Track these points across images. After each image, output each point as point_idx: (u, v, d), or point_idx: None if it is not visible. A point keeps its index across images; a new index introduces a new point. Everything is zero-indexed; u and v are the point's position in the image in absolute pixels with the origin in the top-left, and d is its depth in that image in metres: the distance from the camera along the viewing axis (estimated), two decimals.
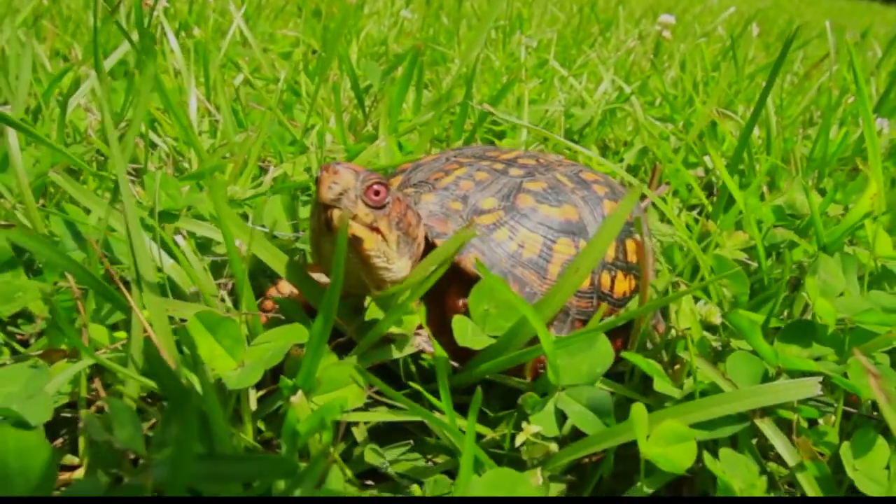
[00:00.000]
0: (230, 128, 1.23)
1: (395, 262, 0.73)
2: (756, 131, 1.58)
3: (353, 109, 1.60)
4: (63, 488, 0.58)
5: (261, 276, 0.96)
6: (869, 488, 0.61)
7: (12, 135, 0.88)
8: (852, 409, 0.75)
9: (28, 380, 0.61)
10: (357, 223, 0.69)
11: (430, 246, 0.79)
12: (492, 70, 2.16)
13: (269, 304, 0.87)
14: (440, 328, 0.77)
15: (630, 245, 0.88)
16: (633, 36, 2.85)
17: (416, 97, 1.55)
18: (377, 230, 0.71)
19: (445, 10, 3.21)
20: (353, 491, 0.58)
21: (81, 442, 0.67)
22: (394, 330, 0.74)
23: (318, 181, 0.68)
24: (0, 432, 0.53)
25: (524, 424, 0.67)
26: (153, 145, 1.31)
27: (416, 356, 0.78)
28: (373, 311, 0.77)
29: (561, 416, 0.69)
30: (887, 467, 0.62)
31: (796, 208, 1.03)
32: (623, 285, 0.86)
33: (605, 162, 1.26)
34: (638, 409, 0.61)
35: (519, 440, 0.66)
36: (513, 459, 0.70)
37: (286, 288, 0.86)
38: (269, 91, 1.60)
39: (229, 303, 0.86)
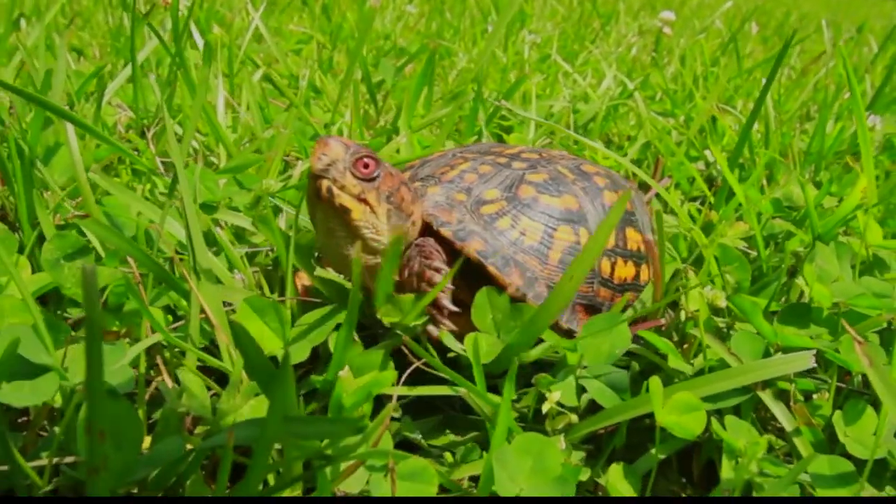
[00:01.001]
0: (258, 125, 1.30)
1: (385, 234, 0.77)
2: (755, 126, 1.65)
3: (364, 104, 1.66)
4: (146, 451, 0.65)
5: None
6: (857, 451, 0.68)
7: (70, 130, 0.94)
8: (844, 385, 0.82)
9: (107, 354, 0.68)
10: (345, 193, 0.73)
11: (433, 233, 0.83)
12: (497, 65, 2.22)
13: (300, 288, 0.94)
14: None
15: (630, 233, 0.91)
16: (634, 31, 2.91)
17: (427, 93, 1.61)
18: (365, 201, 0.74)
19: (448, 5, 3.26)
20: (398, 456, 0.65)
21: (140, 413, 0.74)
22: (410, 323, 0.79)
23: (311, 152, 0.73)
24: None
25: (547, 394, 0.74)
26: (181, 140, 1.37)
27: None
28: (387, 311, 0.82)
29: (580, 390, 0.76)
30: (875, 434, 0.70)
31: (793, 200, 1.11)
32: (623, 271, 0.90)
33: (611, 154, 1.32)
34: (655, 382, 0.68)
35: (545, 408, 0.73)
36: (537, 431, 0.77)
37: (307, 279, 0.92)
38: (287, 87, 1.66)
39: (267, 290, 0.93)
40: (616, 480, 0.70)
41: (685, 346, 0.83)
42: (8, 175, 0.98)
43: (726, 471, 0.66)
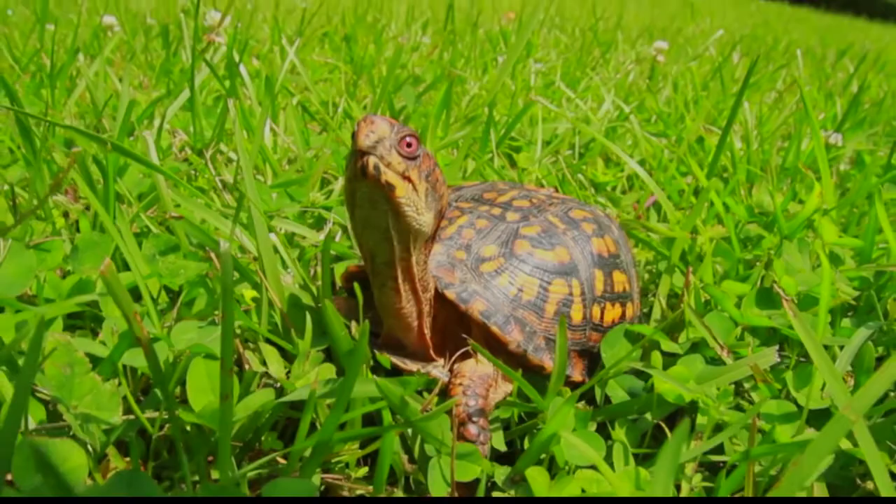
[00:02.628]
0: (301, 147, 1.46)
1: (424, 213, 0.76)
2: (739, 144, 1.80)
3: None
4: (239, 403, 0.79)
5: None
6: (803, 401, 0.82)
7: (152, 149, 1.10)
8: (804, 359, 0.97)
9: (199, 330, 0.83)
10: (391, 170, 0.71)
11: (438, 295, 0.86)
12: (506, 91, 2.38)
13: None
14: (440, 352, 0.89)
15: (617, 276, 0.96)
16: (631, 58, 3.08)
17: (445, 117, 1.77)
18: (409, 179, 0.73)
19: (458, 36, 3.44)
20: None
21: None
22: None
23: (356, 131, 0.71)
24: (196, 363, 0.75)
25: None
26: (229, 160, 1.54)
27: None
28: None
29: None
30: (823, 388, 0.84)
31: (764, 207, 1.26)
32: (611, 314, 0.95)
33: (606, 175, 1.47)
34: (656, 356, 0.83)
35: None
36: None
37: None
38: (317, 114, 1.83)
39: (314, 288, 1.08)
40: (620, 435, 0.83)
41: (675, 334, 0.98)
42: (94, 189, 1.14)
43: (700, 418, 0.81)
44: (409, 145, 0.73)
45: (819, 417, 0.82)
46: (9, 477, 0.60)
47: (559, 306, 0.89)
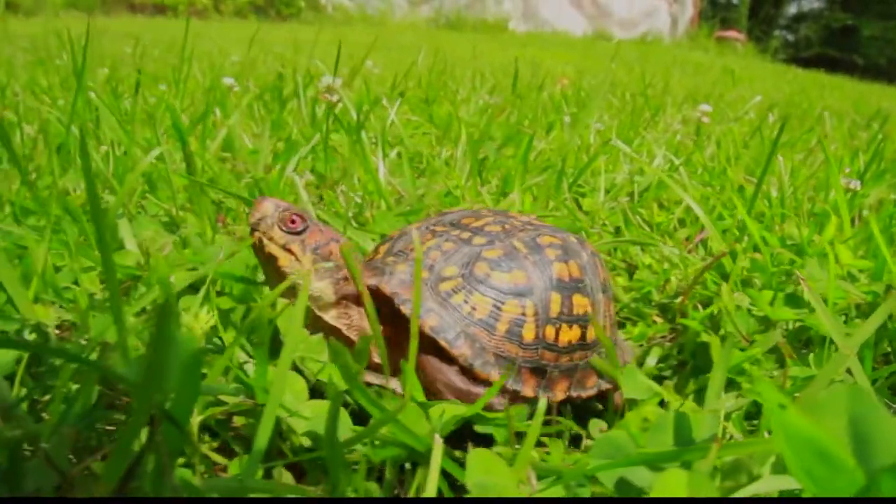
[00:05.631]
0: (411, 186, 1.76)
1: (315, 281, 0.86)
2: (774, 192, 2.05)
3: (471, 176, 2.12)
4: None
5: None
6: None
7: (301, 188, 1.40)
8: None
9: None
10: (272, 243, 0.84)
11: (396, 311, 0.88)
12: (570, 147, 2.67)
13: None
14: (395, 368, 0.88)
15: (577, 299, 0.94)
16: (678, 120, 3.36)
17: (523, 168, 2.06)
18: (290, 251, 0.85)
19: (521, 95, 3.76)
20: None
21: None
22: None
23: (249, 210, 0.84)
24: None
25: None
26: (350, 197, 1.84)
27: None
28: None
29: None
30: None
31: (794, 238, 1.50)
32: (568, 335, 0.94)
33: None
34: (716, 343, 1.07)
35: None
36: None
37: None
38: (419, 164, 2.14)
39: None
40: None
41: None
42: None
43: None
44: (292, 222, 0.85)
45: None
46: None
47: (511, 325, 0.89)
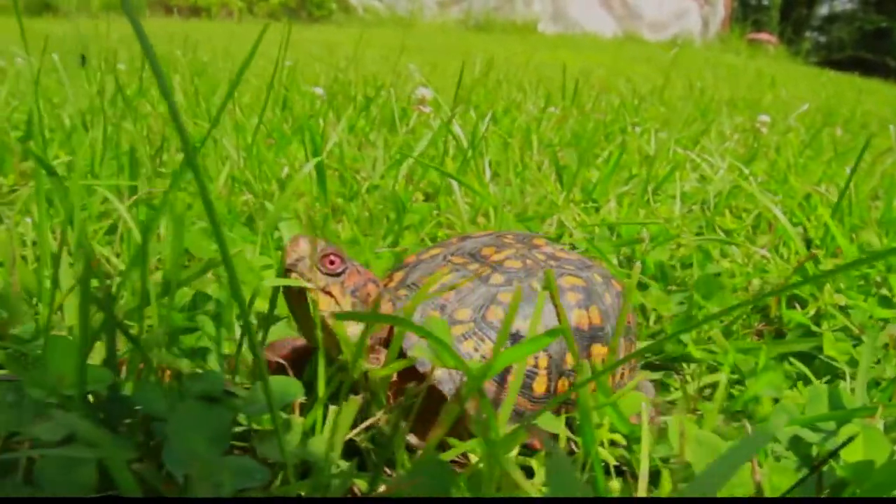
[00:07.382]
0: (517, 194, 1.93)
1: (351, 325, 0.79)
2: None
3: (550, 185, 2.29)
4: None
5: None
6: None
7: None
8: None
9: None
10: (312, 287, 0.76)
11: (402, 353, 0.81)
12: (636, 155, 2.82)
13: None
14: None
15: (595, 349, 0.89)
16: (731, 127, 3.51)
17: (612, 176, 2.22)
18: (330, 294, 0.78)
19: (579, 107, 3.92)
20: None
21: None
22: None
23: (284, 250, 0.77)
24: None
25: None
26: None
27: None
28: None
29: None
30: None
31: (871, 245, 1.66)
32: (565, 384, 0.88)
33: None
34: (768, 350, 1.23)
35: None
36: None
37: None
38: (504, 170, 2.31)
39: None
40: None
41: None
42: None
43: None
44: (331, 262, 0.78)
45: None
46: None
47: (522, 378, 0.80)
